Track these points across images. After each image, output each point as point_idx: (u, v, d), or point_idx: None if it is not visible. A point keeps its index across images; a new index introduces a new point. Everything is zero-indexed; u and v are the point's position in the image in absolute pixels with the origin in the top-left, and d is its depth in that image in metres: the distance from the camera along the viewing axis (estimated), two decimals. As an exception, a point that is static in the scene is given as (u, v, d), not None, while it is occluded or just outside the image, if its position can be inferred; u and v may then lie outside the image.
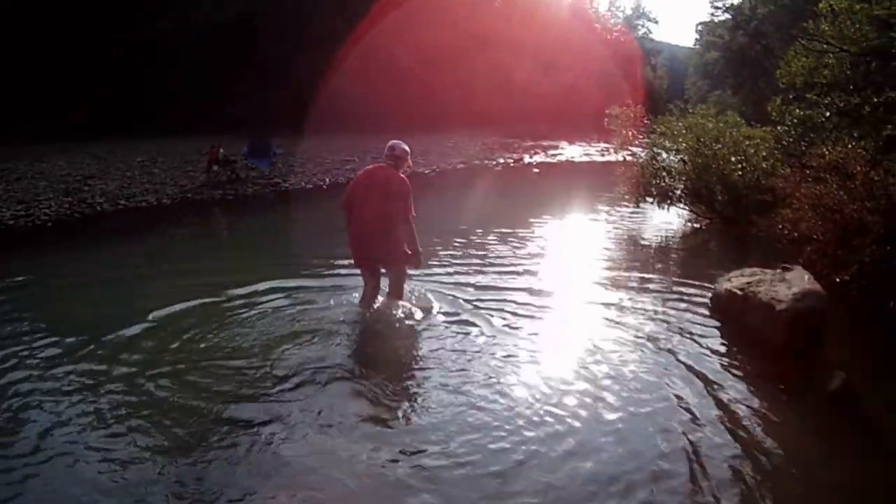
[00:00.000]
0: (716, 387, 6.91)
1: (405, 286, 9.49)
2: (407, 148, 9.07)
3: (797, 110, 14.29)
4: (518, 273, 11.57)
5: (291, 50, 39.15)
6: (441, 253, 12.77)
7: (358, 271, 9.39)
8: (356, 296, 9.59)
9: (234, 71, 40.55)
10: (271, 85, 37.96)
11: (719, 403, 6.54)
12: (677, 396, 6.67)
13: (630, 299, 9.99)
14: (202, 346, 8.18)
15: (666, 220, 16.59)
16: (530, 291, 10.43)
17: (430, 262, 11.67)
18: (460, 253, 12.93)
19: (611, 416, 6.28)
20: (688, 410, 6.39)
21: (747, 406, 6.52)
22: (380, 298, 9.40)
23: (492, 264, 12.07)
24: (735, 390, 6.86)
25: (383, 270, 9.34)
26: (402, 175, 8.94)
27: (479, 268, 11.76)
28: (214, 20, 40.63)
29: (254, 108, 36.03)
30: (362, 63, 42.42)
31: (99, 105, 35.44)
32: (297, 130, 34.17)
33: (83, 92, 35.31)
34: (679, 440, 5.87)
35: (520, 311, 9.41)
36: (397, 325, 8.95)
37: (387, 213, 8.74)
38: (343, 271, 11.29)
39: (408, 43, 45.31)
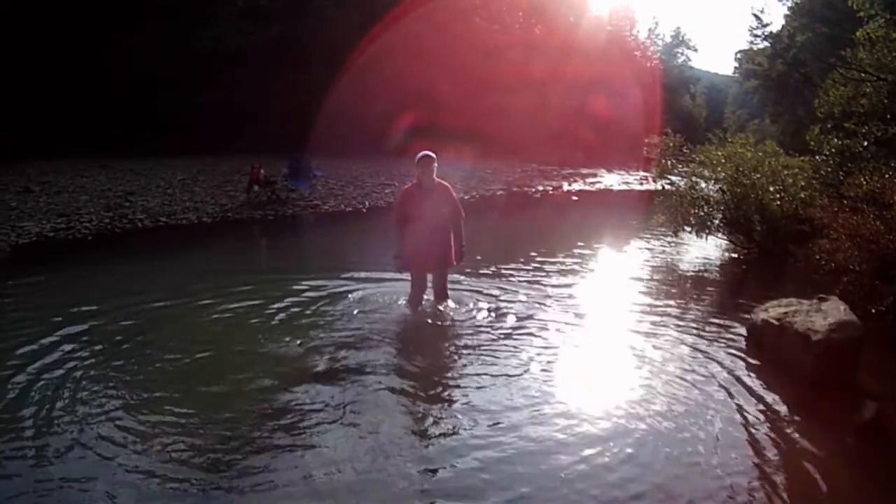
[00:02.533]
0: (749, 415, 6.92)
1: (412, 288, 10.33)
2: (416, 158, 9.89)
3: (835, 140, 14.27)
4: (558, 297, 11.60)
5: (328, 73, 39.24)
6: (480, 273, 12.87)
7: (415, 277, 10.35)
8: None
9: (272, 93, 40.79)
10: (310, 108, 38.06)
11: (752, 431, 6.56)
12: (710, 422, 6.70)
13: (667, 326, 9.99)
14: (240, 348, 8.61)
15: (704, 250, 16.55)
16: (569, 315, 10.53)
17: (470, 281, 12.11)
18: (499, 276, 12.96)
19: (645, 438, 6.34)
20: (720, 437, 6.42)
21: (780, 434, 6.53)
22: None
23: (530, 289, 12.08)
24: (768, 418, 6.86)
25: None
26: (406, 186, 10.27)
27: (515, 292, 11.77)
28: (252, 42, 40.92)
29: (292, 130, 36.15)
30: (400, 88, 42.61)
31: (132, 122, 35.93)
32: (335, 153, 34.37)
33: (117, 108, 35.77)
34: (709, 465, 5.92)
35: (558, 334, 9.55)
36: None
37: None
38: (386, 276, 11.89)
39: (446, 71, 45.42)
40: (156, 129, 35.60)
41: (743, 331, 9.58)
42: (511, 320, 10.09)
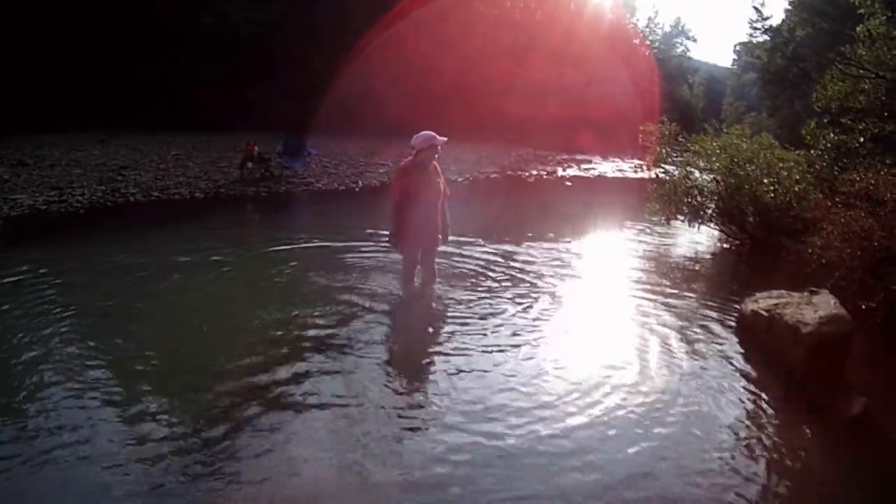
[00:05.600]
0: (736, 407, 6.96)
1: (404, 265, 10.57)
2: (416, 137, 9.79)
3: (831, 135, 14.29)
4: (547, 282, 11.62)
5: (328, 53, 39.10)
6: (470, 255, 12.93)
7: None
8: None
9: (270, 71, 40.72)
10: (311, 87, 37.91)
11: (738, 424, 6.61)
12: (696, 414, 6.74)
13: (656, 315, 10.00)
14: (229, 323, 8.69)
15: (696, 239, 16.54)
16: (557, 301, 10.58)
17: (460, 261, 12.28)
18: (488, 258, 12.97)
19: (628, 431, 6.37)
20: (706, 429, 6.45)
21: (766, 427, 6.57)
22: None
23: (518, 273, 12.11)
24: (755, 411, 6.90)
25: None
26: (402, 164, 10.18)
27: (503, 274, 11.84)
28: (253, 19, 40.76)
29: (288, 108, 36.07)
30: (397, 69, 42.55)
31: (130, 97, 35.91)
32: (331, 132, 34.24)
33: (116, 83, 35.74)
34: (694, 458, 5.95)
35: (545, 320, 9.60)
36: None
37: None
38: (378, 251, 12.51)
39: (445, 53, 45.30)
40: (156, 107, 35.58)
41: (732, 321, 9.61)
42: (499, 303, 10.15)
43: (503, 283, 11.22)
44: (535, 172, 34.35)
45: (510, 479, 5.48)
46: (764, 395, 7.29)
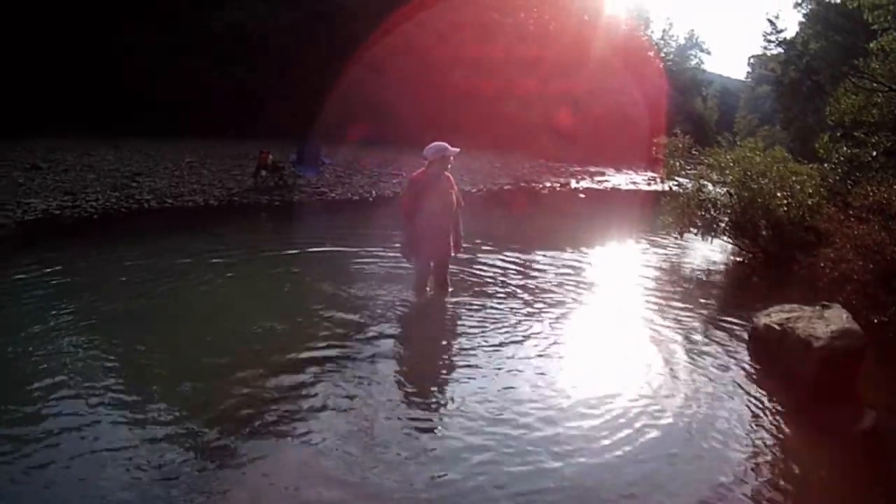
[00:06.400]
0: (747, 420, 6.95)
1: (416, 276, 10.47)
2: (428, 148, 9.81)
3: (844, 148, 14.27)
4: (560, 294, 11.60)
5: (343, 60, 39.14)
6: (483, 265, 12.94)
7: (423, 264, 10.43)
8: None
9: (285, 78, 40.79)
10: (321, 94, 37.93)
11: (749, 436, 6.59)
12: (706, 426, 6.73)
13: (668, 327, 9.99)
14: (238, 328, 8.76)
15: (709, 252, 16.48)
16: (570, 313, 10.59)
17: (473, 271, 12.27)
18: (502, 269, 12.98)
19: (640, 443, 6.36)
20: (715, 441, 6.44)
21: (777, 440, 6.55)
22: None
23: (532, 283, 12.14)
24: (767, 424, 6.88)
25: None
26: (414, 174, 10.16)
27: (518, 286, 11.85)
28: (267, 26, 40.80)
29: (304, 115, 36.06)
30: (412, 79, 42.60)
31: (143, 103, 35.83)
32: (345, 140, 34.21)
33: (128, 89, 35.73)
34: (703, 469, 5.95)
35: (559, 331, 9.58)
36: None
37: None
38: (390, 261, 12.43)
39: (460, 63, 45.32)
40: (166, 111, 35.54)
41: (744, 334, 9.59)
42: (512, 313, 10.16)
43: (516, 293, 11.25)
44: (548, 184, 34.31)
45: (520, 483, 5.50)
46: (775, 409, 7.28)
